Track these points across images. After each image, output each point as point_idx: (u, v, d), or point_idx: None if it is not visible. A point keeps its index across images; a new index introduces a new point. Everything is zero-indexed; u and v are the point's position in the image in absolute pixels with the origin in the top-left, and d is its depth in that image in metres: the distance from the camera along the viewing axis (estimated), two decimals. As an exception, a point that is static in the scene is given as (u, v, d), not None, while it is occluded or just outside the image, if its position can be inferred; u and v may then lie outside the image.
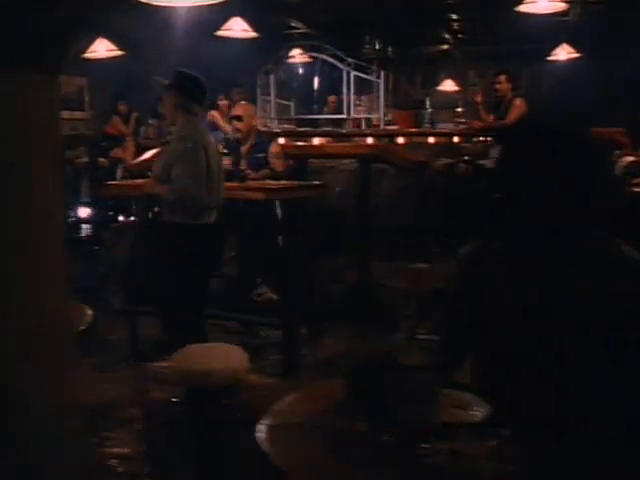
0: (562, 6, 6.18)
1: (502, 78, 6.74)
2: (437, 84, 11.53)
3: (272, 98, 6.16)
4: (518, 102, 6.64)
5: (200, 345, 2.80)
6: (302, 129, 6.35)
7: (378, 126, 6.14)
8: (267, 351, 4.47)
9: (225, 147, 4.65)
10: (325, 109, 9.05)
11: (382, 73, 6.13)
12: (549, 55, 8.98)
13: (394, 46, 8.03)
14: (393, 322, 4.93)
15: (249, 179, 4.10)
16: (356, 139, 6.08)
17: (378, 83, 6.09)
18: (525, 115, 6.62)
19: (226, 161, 4.36)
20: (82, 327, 1.89)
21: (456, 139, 6.89)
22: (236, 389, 2.85)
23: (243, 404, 3.42)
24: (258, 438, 1.28)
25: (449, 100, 10.22)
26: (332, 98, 9.35)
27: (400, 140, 6.31)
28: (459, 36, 10.62)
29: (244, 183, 4.01)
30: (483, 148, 7.41)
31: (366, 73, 6.20)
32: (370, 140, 5.93)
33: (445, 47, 11.14)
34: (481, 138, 7.38)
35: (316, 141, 5.99)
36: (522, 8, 6.09)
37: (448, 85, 11.60)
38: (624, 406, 1.38)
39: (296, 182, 4.13)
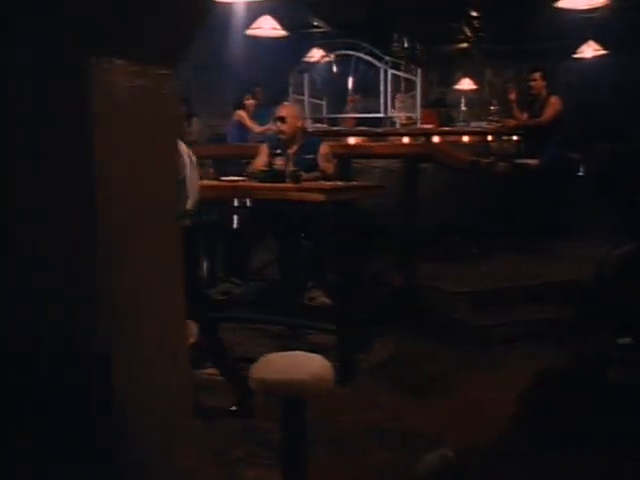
0: (601, 1, 6.07)
1: (537, 75, 6.63)
2: (454, 83, 11.45)
3: (306, 97, 6.05)
4: (553, 100, 6.54)
5: (281, 354, 2.68)
6: (336, 128, 6.24)
7: (415, 125, 6.03)
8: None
9: (277, 147, 4.54)
10: (346, 108, 8.93)
11: (419, 71, 6.03)
12: (575, 52, 8.88)
13: (422, 44, 7.92)
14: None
15: (302, 180, 3.99)
16: (391, 138, 5.97)
17: (414, 81, 5.98)
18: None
19: (279, 161, 4.25)
20: (192, 340, 1.80)
21: (489, 137, 6.78)
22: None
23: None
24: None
25: (482, 98, 10.16)
26: (351, 97, 9.23)
27: (435, 139, 6.20)
28: (480, 34, 10.52)
29: (299, 184, 3.89)
30: (511, 147, 7.29)
31: (400, 71, 6.11)
32: (410, 139, 5.83)
33: (464, 45, 11.06)
34: (514, 137, 7.25)
35: (352, 140, 5.88)
36: (561, 4, 5.99)
37: (466, 84, 11.52)
38: None
39: (354, 183, 4.02)
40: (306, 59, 8.00)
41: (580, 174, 8.71)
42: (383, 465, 3.04)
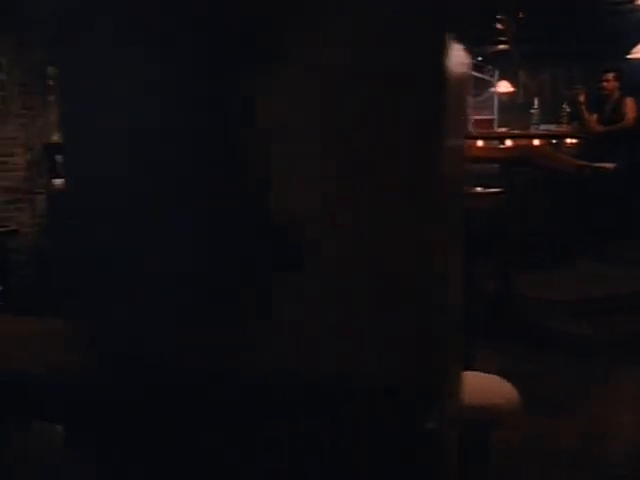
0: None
1: (610, 76, 6.43)
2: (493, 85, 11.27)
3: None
4: (629, 101, 6.33)
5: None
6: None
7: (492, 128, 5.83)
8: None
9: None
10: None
11: (496, 72, 5.83)
12: (629, 52, 8.67)
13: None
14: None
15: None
16: (469, 141, 5.77)
17: (491, 82, 5.78)
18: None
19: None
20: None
21: (555, 141, 6.59)
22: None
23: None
24: None
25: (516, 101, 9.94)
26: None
27: (508, 142, 6.02)
28: (521, 35, 10.32)
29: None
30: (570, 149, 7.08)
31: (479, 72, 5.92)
32: (484, 143, 5.64)
33: (503, 47, 10.86)
34: (568, 141, 7.04)
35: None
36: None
37: (503, 86, 11.35)
38: None
39: (478, 189, 3.81)
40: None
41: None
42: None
